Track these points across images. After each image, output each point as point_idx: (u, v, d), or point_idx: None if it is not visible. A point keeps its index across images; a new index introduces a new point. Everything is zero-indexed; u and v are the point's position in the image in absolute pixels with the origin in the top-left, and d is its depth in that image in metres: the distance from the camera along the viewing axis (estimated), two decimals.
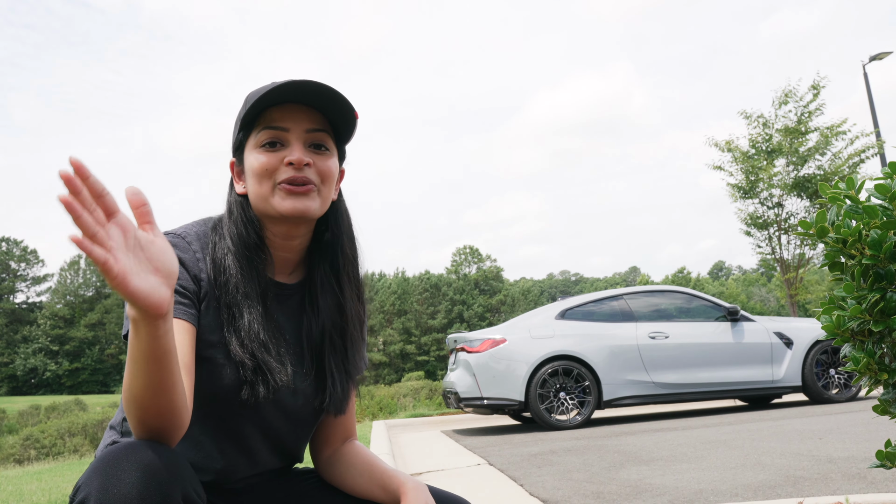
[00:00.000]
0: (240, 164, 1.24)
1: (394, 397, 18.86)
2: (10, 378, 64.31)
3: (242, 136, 1.21)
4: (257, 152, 1.18)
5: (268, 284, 1.21)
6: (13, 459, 18.43)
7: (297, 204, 1.16)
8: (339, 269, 1.27)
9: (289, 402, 1.22)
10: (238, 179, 1.24)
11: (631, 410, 9.41)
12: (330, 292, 1.26)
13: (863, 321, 1.40)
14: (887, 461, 1.50)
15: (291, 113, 1.18)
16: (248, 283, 1.17)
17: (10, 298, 71.22)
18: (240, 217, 1.20)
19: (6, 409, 32.65)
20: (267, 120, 1.18)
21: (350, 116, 1.21)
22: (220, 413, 1.16)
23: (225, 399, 1.15)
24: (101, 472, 0.90)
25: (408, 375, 41.43)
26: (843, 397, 7.41)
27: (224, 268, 1.17)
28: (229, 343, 1.14)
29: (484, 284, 72.43)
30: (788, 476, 3.30)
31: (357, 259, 1.31)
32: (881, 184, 1.36)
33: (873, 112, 15.34)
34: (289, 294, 1.26)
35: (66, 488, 4.96)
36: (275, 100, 1.17)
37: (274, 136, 1.17)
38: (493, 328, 7.55)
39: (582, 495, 3.27)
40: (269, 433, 1.23)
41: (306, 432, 1.30)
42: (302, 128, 1.18)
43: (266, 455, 1.25)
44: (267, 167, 1.17)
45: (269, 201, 1.17)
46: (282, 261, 1.25)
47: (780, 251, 16.28)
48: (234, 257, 1.18)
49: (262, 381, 1.14)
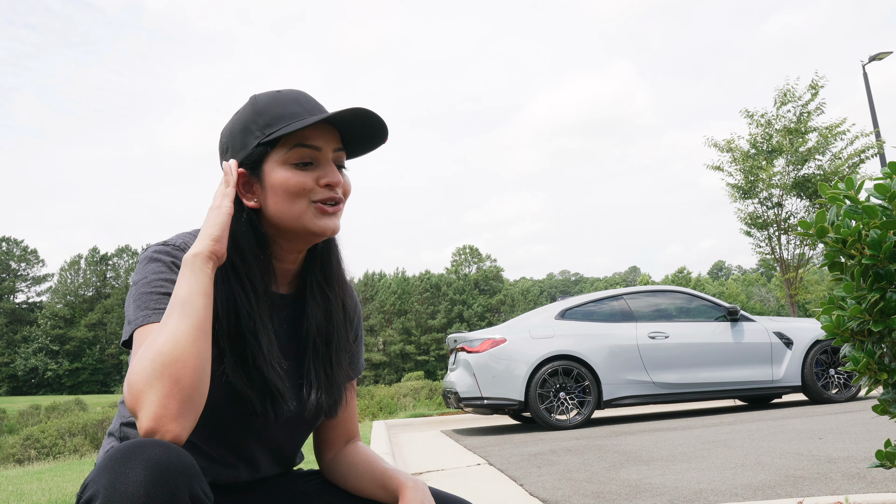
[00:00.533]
0: (254, 177, 1.19)
1: (394, 397, 18.87)
2: (10, 378, 64.32)
3: (264, 150, 1.18)
4: (289, 170, 1.17)
5: (275, 300, 1.22)
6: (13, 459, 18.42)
7: (330, 223, 1.19)
8: (331, 275, 1.28)
9: (287, 412, 1.22)
10: (247, 192, 1.20)
11: (631, 410, 9.41)
12: (318, 303, 1.26)
13: (862, 321, 1.40)
14: (887, 461, 1.50)
15: (323, 132, 1.19)
16: (259, 308, 1.17)
17: (11, 298, 71.22)
18: (249, 234, 1.19)
19: (6, 409, 32.65)
20: (299, 138, 1.17)
21: (378, 141, 1.25)
22: (220, 428, 1.16)
23: (230, 420, 1.15)
24: (109, 469, 0.90)
25: (408, 375, 41.43)
26: (842, 397, 7.41)
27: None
28: (233, 368, 1.13)
29: (484, 284, 72.44)
30: (788, 476, 3.30)
31: (342, 266, 1.32)
32: (881, 184, 1.36)
33: (873, 112, 15.34)
34: (285, 304, 1.26)
35: (66, 488, 4.96)
36: (341, 115, 1.17)
37: (308, 154, 1.18)
38: (493, 328, 7.55)
39: (582, 495, 3.27)
40: (268, 442, 1.24)
41: (302, 437, 1.31)
42: (331, 147, 1.20)
43: (266, 462, 1.26)
44: (304, 186, 1.17)
45: (302, 220, 1.17)
46: (282, 272, 1.25)
47: (780, 251, 16.28)
48: (245, 280, 1.18)
49: (273, 408, 1.15)
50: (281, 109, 1.18)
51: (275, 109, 1.18)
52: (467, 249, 75.17)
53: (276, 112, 1.18)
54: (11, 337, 66.29)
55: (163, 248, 1.17)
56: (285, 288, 1.27)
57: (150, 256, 1.15)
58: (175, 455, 0.93)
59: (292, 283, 1.28)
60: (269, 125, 1.17)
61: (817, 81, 15.30)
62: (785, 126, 15.54)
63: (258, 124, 1.18)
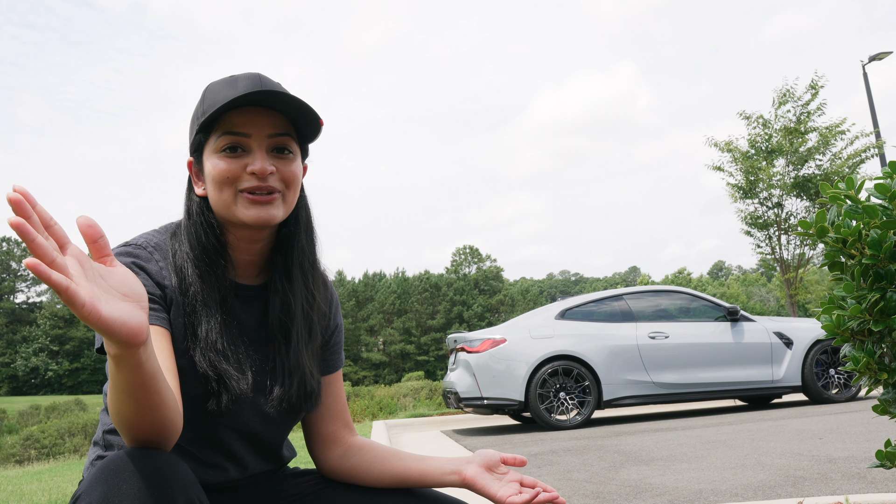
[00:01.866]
0: (198, 165, 1.19)
1: (394, 397, 18.86)
2: (10, 378, 64.30)
3: (202, 137, 1.16)
4: (217, 158, 1.13)
5: (229, 288, 1.18)
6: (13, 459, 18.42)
7: (262, 213, 1.13)
8: (292, 265, 1.23)
9: (262, 404, 1.20)
10: (197, 180, 1.20)
11: (631, 410, 9.41)
12: (279, 293, 1.22)
13: (863, 321, 1.40)
14: (887, 461, 1.50)
15: (253, 117, 1.13)
16: (207, 291, 1.14)
17: (10, 298, 71.21)
18: (199, 221, 1.17)
19: (6, 409, 32.64)
20: (227, 124, 1.12)
21: (315, 123, 1.18)
22: (197, 422, 1.14)
23: (197, 408, 1.12)
24: (103, 481, 0.88)
25: (408, 375, 41.42)
26: (842, 397, 7.41)
27: (184, 276, 1.14)
28: (193, 353, 1.12)
29: (484, 284, 72.41)
30: (788, 476, 3.30)
31: (315, 253, 1.28)
32: (881, 183, 1.36)
33: (873, 112, 15.34)
34: (253, 296, 1.23)
35: (66, 488, 4.96)
36: (235, 103, 1.12)
37: (234, 141, 1.13)
38: (493, 328, 7.55)
39: (582, 495, 3.26)
40: (247, 436, 1.21)
41: (285, 431, 1.28)
42: (264, 133, 1.13)
43: (251, 458, 1.24)
44: (228, 175, 1.12)
45: (232, 209, 1.14)
46: (244, 264, 1.22)
47: (780, 251, 16.28)
48: (192, 264, 1.14)
49: (224, 389, 1.12)
50: (216, 95, 1.13)
51: (213, 95, 1.14)
52: (467, 249, 75.14)
53: (213, 98, 1.14)
54: (11, 337, 66.28)
55: (123, 248, 1.14)
56: (250, 279, 1.24)
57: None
58: (169, 464, 0.91)
59: (260, 275, 1.25)
60: (206, 112, 1.14)
61: (817, 81, 15.30)
62: (784, 126, 15.54)
63: (199, 112, 1.17)
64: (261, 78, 1.15)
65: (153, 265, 1.13)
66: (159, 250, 1.16)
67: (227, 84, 1.15)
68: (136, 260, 1.12)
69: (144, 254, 1.14)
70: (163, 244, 1.17)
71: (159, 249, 1.16)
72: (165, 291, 1.13)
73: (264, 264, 1.25)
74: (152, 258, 1.14)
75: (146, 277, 1.12)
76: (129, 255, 1.13)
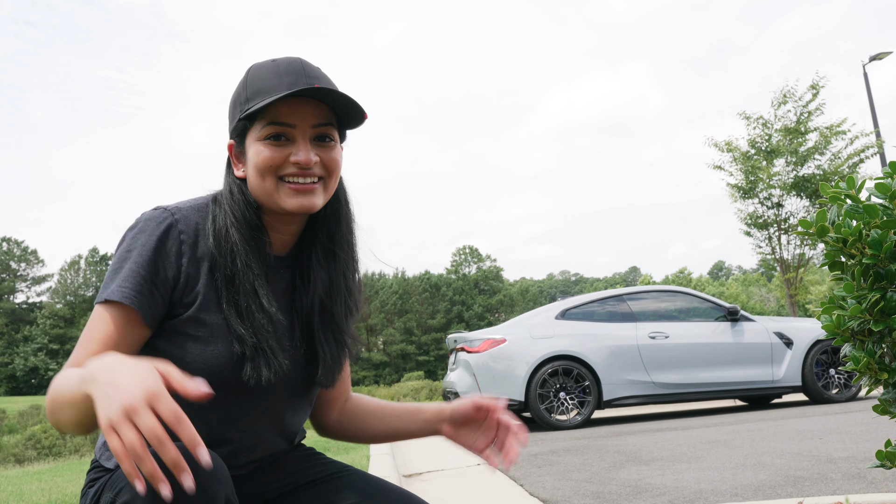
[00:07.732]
0: (240, 148, 1.20)
1: (394, 397, 18.87)
2: (10, 378, 64.31)
3: (246, 123, 1.17)
4: (261, 145, 1.15)
5: (271, 263, 1.20)
6: (14, 459, 18.42)
7: (304, 201, 1.15)
8: (336, 244, 1.25)
9: (286, 377, 1.19)
10: (237, 162, 1.21)
11: (631, 410, 9.41)
12: (323, 267, 1.24)
13: (863, 321, 1.39)
14: (887, 461, 1.50)
15: (298, 107, 1.14)
16: (253, 258, 1.15)
17: (10, 298, 71.21)
18: (241, 199, 1.18)
19: (6, 409, 32.64)
20: (272, 114, 1.14)
21: (359, 118, 1.20)
22: (220, 395, 1.10)
23: (224, 380, 1.11)
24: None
25: (408, 375, 41.47)
26: (843, 397, 7.41)
27: (226, 239, 1.14)
28: (229, 317, 1.11)
29: (484, 284, 72.42)
30: (788, 476, 3.30)
31: (353, 232, 1.29)
32: (881, 183, 1.36)
33: (873, 112, 15.34)
34: (279, 267, 1.23)
35: (66, 488, 4.95)
36: (285, 98, 1.13)
37: (279, 130, 1.14)
38: (493, 328, 7.54)
39: (582, 495, 3.26)
40: (269, 410, 1.20)
41: (305, 408, 1.29)
42: (308, 123, 1.15)
43: (269, 434, 1.22)
44: (272, 163, 1.14)
45: (273, 197, 1.15)
46: (279, 241, 1.23)
47: (780, 251, 16.29)
48: (237, 230, 1.15)
49: (264, 362, 1.11)
50: (261, 83, 1.15)
51: (258, 82, 1.15)
52: (467, 249, 75.16)
53: (258, 85, 1.15)
54: (11, 337, 66.29)
55: (159, 211, 1.14)
56: (280, 251, 1.25)
57: (141, 228, 1.12)
58: (213, 462, 0.90)
59: (288, 248, 1.26)
60: (250, 99, 1.15)
61: (818, 81, 15.31)
62: (784, 126, 15.54)
63: (242, 97, 1.17)
64: (303, 66, 1.16)
65: (172, 241, 1.12)
66: (198, 212, 1.17)
67: (271, 71, 1.16)
68: (163, 232, 1.11)
69: (174, 232, 1.13)
70: (202, 207, 1.18)
71: (198, 211, 1.17)
72: (181, 268, 1.12)
73: (293, 240, 1.26)
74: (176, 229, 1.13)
75: (160, 257, 1.10)
76: (163, 221, 1.13)
